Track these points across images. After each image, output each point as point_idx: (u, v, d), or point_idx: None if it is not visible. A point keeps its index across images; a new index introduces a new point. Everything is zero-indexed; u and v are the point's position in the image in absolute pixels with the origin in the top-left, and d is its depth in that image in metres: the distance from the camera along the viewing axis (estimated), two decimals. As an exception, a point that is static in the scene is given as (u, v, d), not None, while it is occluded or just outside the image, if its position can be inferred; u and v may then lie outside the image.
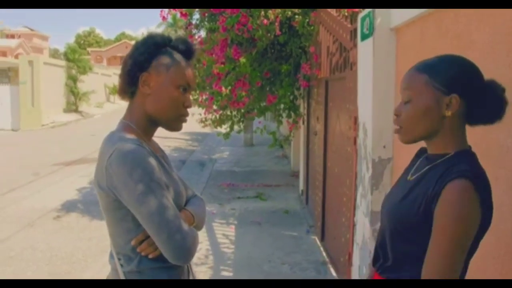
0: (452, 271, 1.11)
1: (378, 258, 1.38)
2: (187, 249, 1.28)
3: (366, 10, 2.78)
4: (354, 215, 3.14)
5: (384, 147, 2.68)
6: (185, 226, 1.30)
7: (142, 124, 1.40)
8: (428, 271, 1.13)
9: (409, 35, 2.44)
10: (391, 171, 2.70)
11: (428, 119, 1.23)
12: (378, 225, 2.77)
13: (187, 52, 1.44)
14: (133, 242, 1.32)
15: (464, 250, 1.13)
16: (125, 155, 1.26)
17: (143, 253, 1.32)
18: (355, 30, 3.16)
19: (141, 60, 1.36)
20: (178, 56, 1.40)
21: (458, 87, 1.20)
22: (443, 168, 1.19)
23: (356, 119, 3.05)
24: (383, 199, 1.43)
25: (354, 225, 3.14)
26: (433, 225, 1.14)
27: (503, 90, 1.22)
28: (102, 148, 1.34)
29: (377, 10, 2.62)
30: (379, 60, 2.63)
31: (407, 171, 1.40)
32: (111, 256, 1.39)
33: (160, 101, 1.37)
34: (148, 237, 1.30)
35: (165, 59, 1.38)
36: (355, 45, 3.15)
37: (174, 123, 1.44)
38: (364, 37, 2.80)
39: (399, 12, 2.48)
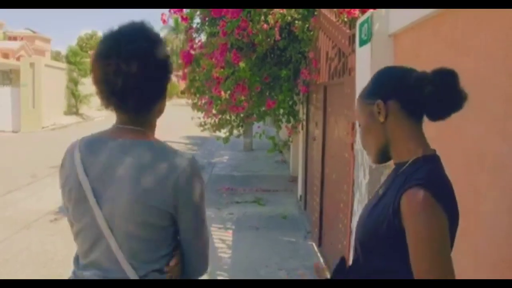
0: (445, 267, 1.09)
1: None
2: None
3: (365, 16, 2.78)
4: (351, 221, 3.13)
5: (381, 153, 2.67)
6: None
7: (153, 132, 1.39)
8: None
9: (406, 41, 2.44)
10: (388, 177, 2.68)
11: (372, 132, 1.28)
12: (374, 232, 2.77)
13: None
14: (172, 263, 1.32)
15: (447, 253, 1.11)
16: (198, 170, 1.30)
17: (169, 275, 1.31)
18: (354, 35, 3.15)
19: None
20: None
21: (382, 93, 1.24)
22: (403, 178, 1.18)
23: (353, 125, 3.04)
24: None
25: (351, 232, 3.12)
26: (408, 242, 1.12)
27: (453, 78, 1.19)
28: (160, 158, 1.26)
29: (375, 16, 2.62)
30: (377, 66, 2.60)
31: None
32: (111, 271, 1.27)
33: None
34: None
35: None
36: (353, 51, 3.14)
37: None
38: (362, 43, 2.80)
39: (397, 18, 2.48)
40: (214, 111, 6.36)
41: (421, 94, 1.19)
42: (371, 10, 2.71)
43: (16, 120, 18.49)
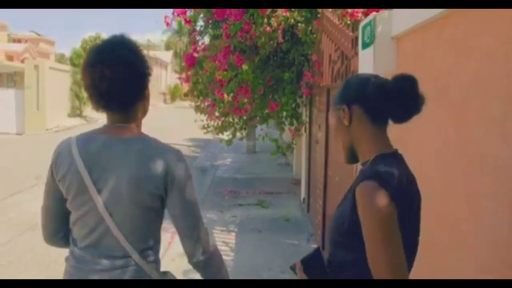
0: (397, 264, 1.17)
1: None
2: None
3: (367, 19, 2.78)
4: (353, 224, 3.12)
5: (384, 156, 2.67)
6: None
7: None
8: (377, 274, 1.18)
9: (409, 43, 2.44)
10: (391, 180, 2.68)
11: (340, 135, 1.41)
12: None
13: None
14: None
15: (395, 240, 1.19)
16: (183, 158, 1.51)
17: None
18: (357, 38, 3.16)
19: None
20: None
21: (347, 98, 1.36)
22: (362, 174, 1.30)
23: (356, 128, 3.04)
24: None
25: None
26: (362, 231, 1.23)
27: (412, 84, 1.29)
28: (148, 150, 1.46)
29: (378, 19, 2.62)
30: (380, 69, 2.62)
31: None
32: (120, 257, 1.46)
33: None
34: None
35: None
36: (356, 54, 3.15)
37: None
38: (365, 45, 2.80)
39: (399, 21, 2.48)
40: (217, 114, 6.37)
41: (382, 100, 1.30)
42: (374, 13, 2.72)
43: (20, 122, 18.57)
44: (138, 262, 1.47)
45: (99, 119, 24.18)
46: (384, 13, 2.62)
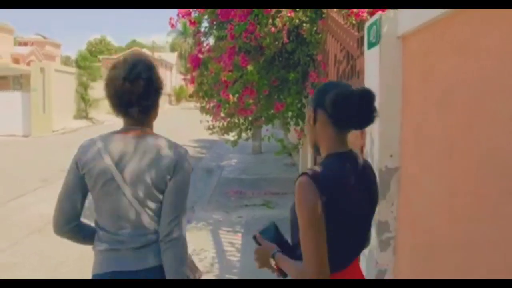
0: (314, 248, 1.40)
1: None
2: None
3: (373, 18, 2.77)
4: (360, 224, 3.11)
5: (391, 156, 2.65)
6: None
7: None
8: (303, 257, 1.43)
9: (416, 43, 2.42)
10: (398, 180, 2.66)
11: (308, 132, 1.63)
12: (385, 235, 2.75)
13: None
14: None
15: (317, 229, 1.41)
16: (187, 155, 1.82)
17: None
18: (362, 38, 3.14)
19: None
20: None
21: (315, 102, 1.56)
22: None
23: (362, 128, 3.02)
24: None
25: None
26: None
27: (369, 97, 1.46)
28: (161, 146, 1.77)
29: (384, 18, 2.60)
30: (386, 69, 2.61)
31: None
32: (141, 235, 1.76)
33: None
34: None
35: None
36: (362, 53, 3.13)
37: None
38: (371, 45, 2.78)
39: (405, 20, 2.46)
40: (222, 115, 6.36)
41: (343, 110, 1.46)
42: (379, 12, 2.70)
43: (26, 125, 18.67)
44: (156, 239, 1.75)
45: (105, 121, 24.29)
46: (390, 12, 2.61)
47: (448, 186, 2.02)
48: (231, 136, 6.98)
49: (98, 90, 24.01)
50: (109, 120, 24.87)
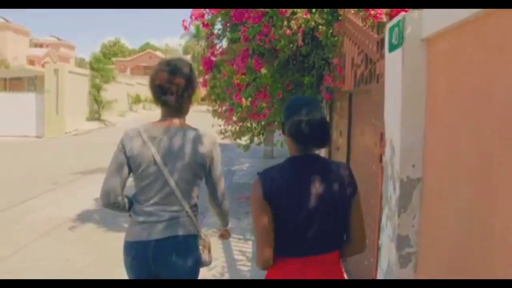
0: (257, 240, 1.79)
1: None
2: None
3: (395, 19, 2.61)
4: (378, 237, 2.94)
5: (413, 166, 2.48)
6: None
7: None
8: None
9: (442, 45, 2.26)
10: (421, 192, 2.49)
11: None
12: (405, 251, 2.58)
13: None
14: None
15: (260, 223, 1.75)
16: (217, 141, 2.30)
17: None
18: (382, 40, 2.99)
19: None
20: None
21: (283, 117, 1.88)
22: None
23: (382, 135, 2.86)
24: None
25: (378, 249, 2.93)
26: None
27: (317, 127, 1.76)
28: (194, 136, 2.20)
29: (407, 19, 2.44)
30: (409, 73, 2.44)
31: None
32: (175, 211, 2.18)
33: None
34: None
35: None
36: (382, 57, 2.97)
37: None
38: (393, 47, 2.62)
39: (431, 21, 2.30)
40: (234, 118, 6.23)
41: (294, 135, 1.79)
42: (402, 13, 2.54)
43: (40, 126, 18.78)
44: (189, 214, 2.20)
45: (117, 123, 24.40)
46: (414, 13, 2.45)
47: (484, 187, 1.85)
48: (243, 141, 6.84)
49: (111, 92, 24.17)
50: (121, 122, 24.97)
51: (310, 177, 1.75)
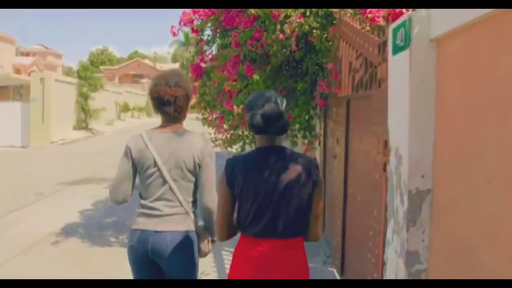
0: (217, 215, 2.09)
1: None
2: None
3: (400, 20, 2.44)
4: (383, 252, 2.75)
5: (423, 176, 2.29)
6: None
7: None
8: None
9: (453, 46, 2.08)
10: (431, 204, 2.30)
11: None
12: (415, 267, 2.38)
13: None
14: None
15: (221, 201, 2.05)
16: (209, 142, 2.57)
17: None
18: (384, 43, 2.82)
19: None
20: None
21: (246, 110, 2.09)
22: None
23: (386, 143, 2.67)
24: None
25: (383, 264, 2.74)
26: None
27: (270, 118, 1.94)
28: (189, 138, 2.45)
29: (414, 19, 2.27)
30: (417, 75, 2.26)
31: None
32: (172, 207, 2.43)
33: None
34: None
35: None
36: (384, 60, 2.80)
37: None
38: (398, 50, 2.45)
39: (440, 21, 2.13)
40: (225, 126, 6.01)
41: (252, 125, 1.99)
42: (408, 13, 2.37)
43: (25, 135, 18.36)
44: (187, 210, 2.43)
45: (105, 131, 24.01)
46: (421, 12, 2.27)
47: (500, 213, 1.67)
48: (235, 149, 6.62)
49: (98, 100, 23.80)
50: (109, 130, 24.58)
51: (272, 165, 1.97)
